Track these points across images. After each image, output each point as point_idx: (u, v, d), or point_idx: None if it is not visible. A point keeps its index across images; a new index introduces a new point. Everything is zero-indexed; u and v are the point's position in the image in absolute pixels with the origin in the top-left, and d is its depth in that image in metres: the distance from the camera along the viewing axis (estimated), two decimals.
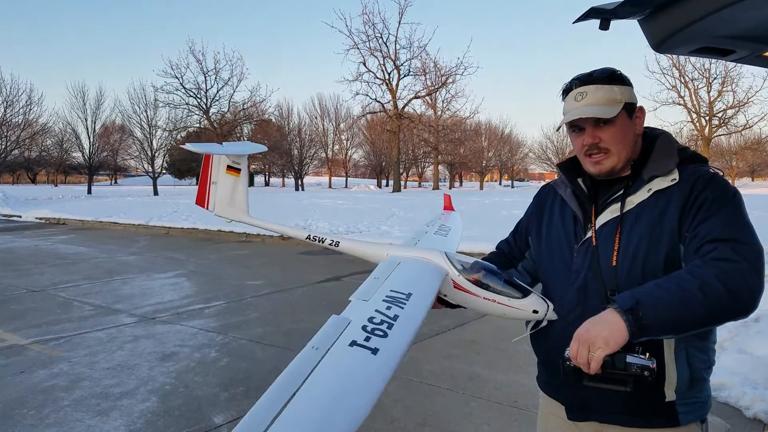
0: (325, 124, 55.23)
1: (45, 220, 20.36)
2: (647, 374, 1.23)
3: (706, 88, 31.75)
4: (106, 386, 4.22)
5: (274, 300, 7.19)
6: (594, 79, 1.48)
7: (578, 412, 1.53)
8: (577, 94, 1.47)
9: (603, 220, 1.49)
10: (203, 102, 37.72)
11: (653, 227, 1.40)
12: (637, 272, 1.40)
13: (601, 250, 1.47)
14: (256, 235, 14.03)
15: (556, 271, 1.58)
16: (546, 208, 1.69)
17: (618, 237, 1.44)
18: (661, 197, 1.43)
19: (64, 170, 56.37)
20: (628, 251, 1.42)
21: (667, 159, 1.46)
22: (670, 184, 1.43)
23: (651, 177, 1.45)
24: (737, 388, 3.89)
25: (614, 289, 1.41)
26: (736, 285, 1.23)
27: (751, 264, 1.27)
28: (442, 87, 35.50)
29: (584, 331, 1.24)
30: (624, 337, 1.20)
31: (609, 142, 1.47)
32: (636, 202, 1.46)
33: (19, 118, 35.99)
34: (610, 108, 1.44)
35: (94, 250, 12.11)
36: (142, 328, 5.87)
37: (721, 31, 1.44)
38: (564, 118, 1.50)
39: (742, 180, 72.13)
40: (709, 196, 1.36)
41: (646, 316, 1.21)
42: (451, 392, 4.09)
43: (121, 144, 45.43)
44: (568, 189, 1.60)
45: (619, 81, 1.49)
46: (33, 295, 7.45)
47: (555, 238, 1.61)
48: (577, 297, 1.49)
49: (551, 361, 1.50)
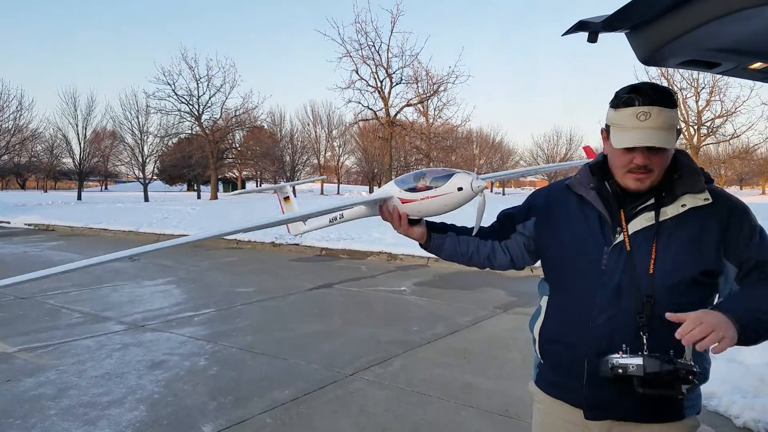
0: (317, 131, 55.24)
1: (34, 226, 20.16)
2: (692, 377, 1.33)
3: (694, 97, 32.03)
4: (94, 395, 4.17)
5: (264, 308, 7.16)
6: (657, 99, 1.43)
7: (598, 411, 1.55)
8: (641, 113, 1.42)
9: (637, 227, 1.52)
10: (195, 108, 37.56)
11: (692, 241, 1.48)
12: (671, 281, 1.47)
13: (637, 256, 1.50)
14: (247, 242, 13.98)
15: (583, 270, 1.57)
16: (560, 205, 1.68)
17: (655, 245, 1.49)
18: (698, 214, 1.50)
19: (54, 176, 55.91)
20: (665, 261, 1.48)
21: (696, 177, 1.53)
22: (704, 203, 1.50)
23: (683, 192, 1.51)
24: (727, 396, 3.91)
25: (650, 295, 1.46)
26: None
27: None
28: (433, 95, 35.63)
29: (715, 322, 1.30)
30: (734, 344, 1.31)
31: (657, 165, 1.49)
32: (670, 214, 1.51)
33: (9, 124, 35.71)
34: (671, 136, 1.45)
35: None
36: (131, 335, 5.82)
37: (707, 44, 1.46)
38: (624, 135, 1.45)
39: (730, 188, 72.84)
40: (749, 222, 1.52)
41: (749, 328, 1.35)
42: (443, 401, 4.08)
43: (112, 150, 45.08)
44: (592, 191, 1.60)
45: (675, 104, 1.47)
46: (20, 303, 7.37)
47: (579, 237, 1.60)
48: (609, 299, 1.51)
49: (574, 362, 1.54)
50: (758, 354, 4.31)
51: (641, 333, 1.45)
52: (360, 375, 4.63)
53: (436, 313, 6.82)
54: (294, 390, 4.28)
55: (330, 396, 4.18)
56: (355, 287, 8.57)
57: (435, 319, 6.50)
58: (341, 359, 5.03)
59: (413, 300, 7.65)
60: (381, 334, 5.86)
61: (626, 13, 1.39)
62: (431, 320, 6.47)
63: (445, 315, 6.70)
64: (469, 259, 1.82)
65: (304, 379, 4.52)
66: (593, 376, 1.48)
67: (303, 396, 4.17)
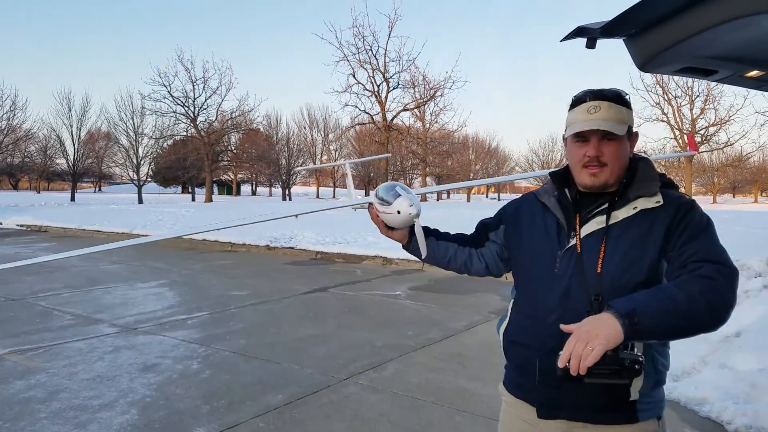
0: (313, 135, 55.25)
1: (26, 227, 20.06)
2: (637, 367, 1.35)
3: (688, 105, 32.28)
4: (85, 398, 4.14)
5: (258, 311, 7.13)
6: (607, 96, 1.57)
7: (551, 410, 1.60)
8: (591, 106, 1.56)
9: (588, 230, 1.59)
10: (191, 110, 37.51)
11: (639, 241, 1.52)
12: (619, 281, 1.51)
13: (585, 258, 1.56)
14: (242, 245, 13.94)
15: (539, 274, 1.65)
16: (527, 214, 1.78)
17: (603, 247, 1.54)
18: (647, 216, 1.54)
19: (47, 177, 55.64)
20: (613, 261, 1.52)
21: (651, 182, 1.58)
22: (655, 205, 1.55)
23: (637, 196, 1.57)
24: (719, 402, 3.92)
25: (598, 294, 1.51)
26: (715, 301, 1.38)
27: (730, 283, 1.42)
28: (430, 100, 35.74)
29: (585, 330, 1.33)
30: (620, 338, 1.32)
31: (610, 157, 1.56)
32: (621, 217, 1.56)
33: (3, 124, 35.58)
34: (620, 126, 1.55)
35: (75, 258, 11.94)
36: (123, 338, 5.78)
37: (704, 52, 1.47)
38: (576, 125, 1.58)
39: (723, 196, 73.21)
40: (691, 220, 1.51)
41: (641, 322, 1.33)
42: (437, 406, 4.07)
43: (107, 151, 44.96)
44: (552, 198, 1.69)
45: (626, 104, 1.59)
46: (11, 304, 7.31)
47: (538, 242, 1.69)
48: (559, 300, 1.57)
49: (529, 362, 1.60)
50: (750, 360, 4.33)
51: None
52: (354, 379, 4.61)
53: (431, 318, 6.81)
54: (287, 394, 4.26)
55: (324, 400, 4.17)
56: (350, 291, 8.55)
57: (430, 324, 6.50)
58: (335, 363, 5.01)
59: (408, 304, 7.64)
60: (376, 338, 5.85)
61: (624, 19, 1.40)
62: (426, 325, 6.46)
63: (440, 319, 6.69)
64: (447, 263, 1.94)
65: (297, 384, 4.50)
66: (545, 375, 1.53)
67: (296, 400, 4.15)
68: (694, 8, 1.30)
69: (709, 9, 1.27)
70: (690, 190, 33.98)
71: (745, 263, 6.61)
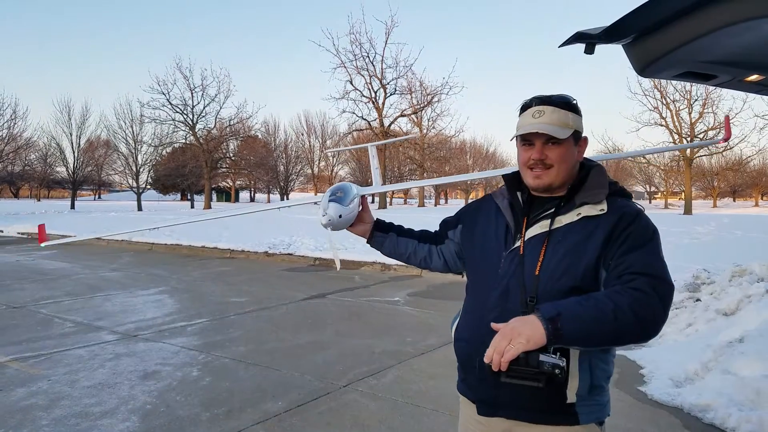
0: (311, 141, 55.32)
1: (27, 235, 20.03)
2: (558, 372, 1.36)
3: (687, 109, 32.34)
4: (86, 405, 4.12)
5: (257, 318, 7.11)
6: (552, 101, 1.60)
7: (488, 407, 1.64)
8: (536, 111, 1.60)
9: (532, 233, 1.62)
10: (189, 118, 37.61)
11: (577, 247, 1.54)
12: (555, 284, 1.53)
13: (526, 260, 1.59)
14: (240, 252, 13.92)
15: (484, 273, 1.69)
16: (482, 214, 1.82)
17: (544, 250, 1.57)
18: (589, 223, 1.56)
19: (47, 185, 55.65)
20: (551, 264, 1.55)
21: (598, 189, 1.60)
22: (598, 213, 1.56)
23: (582, 203, 1.59)
24: (723, 409, 3.89)
25: (534, 296, 1.54)
26: (644, 314, 1.39)
27: (661, 298, 1.43)
28: (427, 106, 35.82)
29: (509, 328, 1.37)
30: (542, 341, 1.34)
31: (554, 160, 1.60)
32: (565, 222, 1.59)
33: (3, 132, 35.60)
34: (563, 130, 1.58)
35: (76, 266, 11.93)
36: (124, 345, 5.76)
37: (704, 56, 1.48)
38: (520, 129, 1.62)
39: (723, 200, 73.25)
40: (633, 231, 1.51)
41: (564, 327, 1.35)
42: (437, 413, 4.06)
43: (106, 159, 45.03)
44: (505, 200, 1.74)
45: (572, 109, 1.61)
46: (13, 312, 7.30)
47: (487, 242, 1.73)
48: (499, 300, 1.60)
49: (470, 358, 1.64)
50: (754, 365, 4.31)
51: None
52: (354, 386, 4.60)
53: (430, 324, 6.80)
54: (287, 401, 4.25)
55: (323, 407, 4.15)
56: (349, 297, 8.54)
57: (429, 330, 6.48)
58: (335, 370, 5.00)
59: (407, 310, 7.63)
60: (375, 344, 5.84)
61: (624, 25, 1.40)
62: (425, 331, 6.45)
63: (439, 325, 6.68)
64: (407, 258, 2.04)
65: (297, 390, 4.48)
66: (483, 373, 1.54)
67: (296, 407, 4.14)
68: (694, 13, 1.30)
69: (709, 14, 1.27)
70: (689, 194, 33.98)
71: (747, 268, 6.60)
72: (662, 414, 4.11)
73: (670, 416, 4.07)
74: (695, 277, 6.95)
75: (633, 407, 4.23)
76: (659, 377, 4.66)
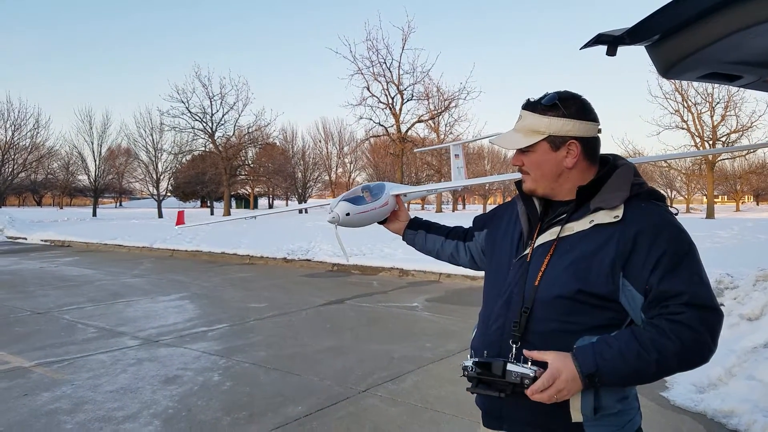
0: (329, 148, 55.57)
1: (50, 242, 20.41)
2: (527, 382, 1.34)
3: (709, 112, 31.83)
4: (109, 410, 4.18)
5: (277, 323, 7.15)
6: (534, 105, 1.53)
7: (493, 420, 1.59)
8: (519, 115, 1.57)
9: (542, 240, 1.53)
10: (209, 126, 37.99)
11: (582, 260, 1.43)
12: (550, 298, 1.45)
13: (531, 269, 1.51)
14: (259, 258, 14.02)
15: (494, 280, 1.65)
16: (504, 220, 1.76)
17: (548, 259, 1.48)
18: (601, 232, 1.43)
19: (69, 193, 56.64)
20: (552, 275, 1.46)
21: (615, 193, 1.46)
22: (612, 220, 1.43)
23: (597, 208, 1.46)
24: (747, 415, 3.83)
25: (529, 307, 1.47)
26: (691, 357, 1.34)
27: (711, 333, 1.34)
28: (445, 111, 35.76)
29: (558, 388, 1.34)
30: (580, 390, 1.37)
31: (528, 167, 1.55)
32: (576, 229, 1.48)
33: (27, 141, 36.42)
34: (526, 138, 1.52)
35: (98, 273, 12.11)
36: (146, 350, 5.83)
37: (729, 57, 1.45)
38: None
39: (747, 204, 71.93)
40: (665, 247, 1.37)
41: (601, 381, 1.34)
42: (457, 418, 4.04)
43: (127, 167, 45.69)
44: (522, 205, 1.65)
45: (554, 111, 1.49)
46: (37, 318, 7.43)
47: (502, 249, 1.67)
48: (501, 308, 1.55)
49: None
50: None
51: (511, 342, 1.48)
52: (373, 391, 4.60)
53: (449, 329, 6.77)
54: (307, 406, 4.26)
55: (343, 412, 4.16)
56: (367, 303, 8.54)
57: (448, 336, 6.46)
58: (354, 375, 5.00)
59: (425, 316, 7.61)
60: (393, 350, 5.83)
61: (646, 25, 1.38)
62: (444, 336, 6.42)
63: (458, 331, 6.65)
64: (437, 254, 2.06)
65: (316, 395, 4.49)
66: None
67: (316, 412, 4.15)
68: (721, 12, 1.28)
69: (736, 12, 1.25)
70: (711, 198, 33.42)
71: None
72: (685, 420, 4.05)
73: (693, 422, 4.00)
74: (718, 282, 6.83)
75: (655, 413, 4.16)
76: (682, 383, 4.58)
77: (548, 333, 1.45)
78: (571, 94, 1.54)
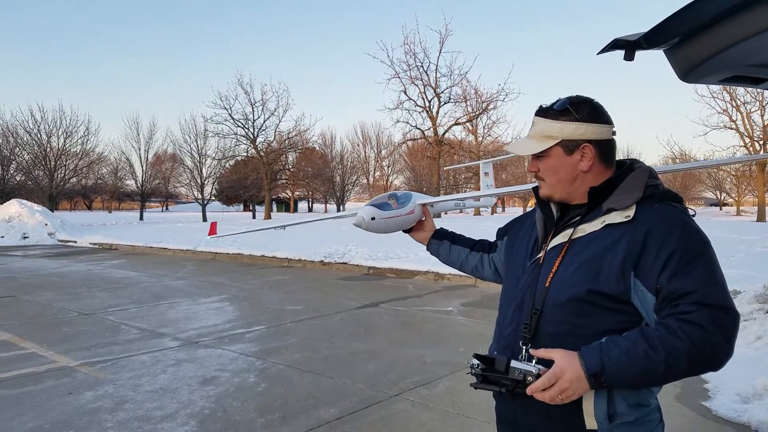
0: (366, 151, 55.91)
1: (98, 245, 21.17)
2: (530, 380, 1.34)
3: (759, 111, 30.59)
4: (148, 409, 4.32)
5: (312, 326, 7.24)
6: (546, 111, 1.53)
7: (507, 425, 1.58)
8: (532, 122, 1.57)
9: (555, 243, 1.53)
10: (250, 132, 38.79)
11: (592, 260, 1.42)
12: (561, 299, 1.44)
13: (543, 271, 1.51)
14: (298, 261, 14.20)
15: (509, 285, 1.65)
16: (524, 227, 1.76)
17: (559, 260, 1.48)
18: (612, 232, 1.42)
19: (118, 197, 58.65)
20: (563, 277, 1.45)
21: (628, 193, 1.46)
22: (623, 220, 1.42)
23: (609, 209, 1.46)
24: None
25: (539, 308, 1.46)
26: (702, 358, 1.29)
27: (724, 333, 1.30)
28: (482, 113, 35.48)
29: (564, 388, 1.32)
30: (586, 391, 1.34)
31: (543, 173, 1.56)
32: (588, 231, 1.47)
33: (77, 148, 37.88)
34: (539, 144, 1.53)
35: (143, 275, 12.51)
36: (185, 351, 6.00)
37: (751, 59, 1.40)
38: None
39: None
40: (676, 246, 1.35)
41: (608, 381, 1.31)
42: (488, 425, 4.00)
43: (172, 172, 47.03)
44: (539, 210, 1.66)
45: (568, 115, 1.49)
46: (84, 318, 7.73)
47: (517, 255, 1.68)
48: (514, 312, 1.55)
49: None
50: None
51: (521, 344, 1.47)
52: (404, 396, 4.60)
53: (484, 334, 6.71)
54: (339, 408, 4.30)
55: (374, 416, 4.18)
56: (402, 306, 8.55)
57: (482, 341, 6.40)
58: (386, 379, 5.02)
59: (460, 320, 7.57)
60: (427, 354, 5.82)
61: (664, 29, 1.36)
62: (478, 341, 6.37)
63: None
64: (460, 266, 2.06)
65: (349, 398, 4.53)
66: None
67: (348, 415, 4.18)
68: (742, 13, 1.25)
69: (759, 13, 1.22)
70: (762, 201, 32.03)
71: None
72: (728, 431, 3.90)
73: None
74: (766, 288, 6.56)
75: (696, 423, 4.03)
76: (725, 392, 4.42)
77: (559, 335, 1.43)
78: (582, 98, 1.54)
